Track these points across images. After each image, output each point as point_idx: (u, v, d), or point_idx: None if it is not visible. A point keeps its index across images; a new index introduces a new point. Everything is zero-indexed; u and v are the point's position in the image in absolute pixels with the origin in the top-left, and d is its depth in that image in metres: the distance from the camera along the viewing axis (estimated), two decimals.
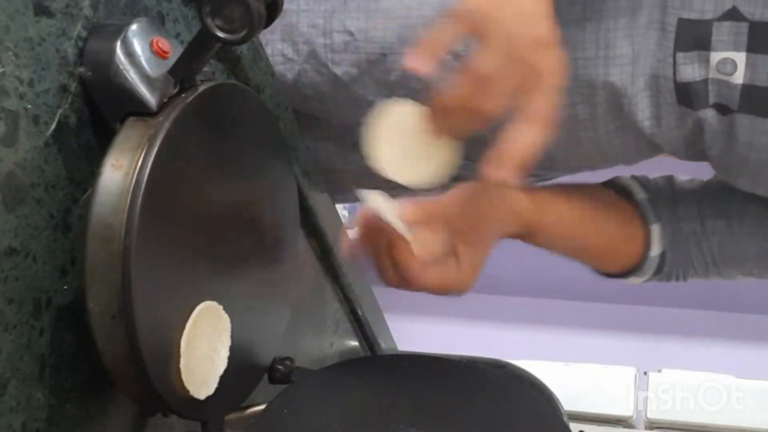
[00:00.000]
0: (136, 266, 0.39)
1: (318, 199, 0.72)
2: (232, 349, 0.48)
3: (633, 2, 0.59)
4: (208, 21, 0.39)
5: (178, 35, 0.50)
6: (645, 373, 1.79)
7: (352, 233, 0.59)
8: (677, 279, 0.71)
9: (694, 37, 0.57)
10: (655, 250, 0.68)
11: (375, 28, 0.67)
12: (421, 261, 0.55)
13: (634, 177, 0.71)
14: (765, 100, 0.56)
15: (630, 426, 1.74)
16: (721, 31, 0.56)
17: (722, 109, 0.58)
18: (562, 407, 0.95)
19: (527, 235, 0.63)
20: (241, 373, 0.53)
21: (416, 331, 1.75)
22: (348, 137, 0.74)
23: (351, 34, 0.68)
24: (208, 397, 0.48)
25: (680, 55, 0.58)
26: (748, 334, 2.18)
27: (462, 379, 0.60)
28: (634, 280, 0.71)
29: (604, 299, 2.28)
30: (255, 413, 0.53)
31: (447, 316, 2.33)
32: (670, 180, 0.72)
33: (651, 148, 0.66)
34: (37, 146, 0.38)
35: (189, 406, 0.45)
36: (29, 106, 0.38)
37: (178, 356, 0.43)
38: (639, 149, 0.66)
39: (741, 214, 0.67)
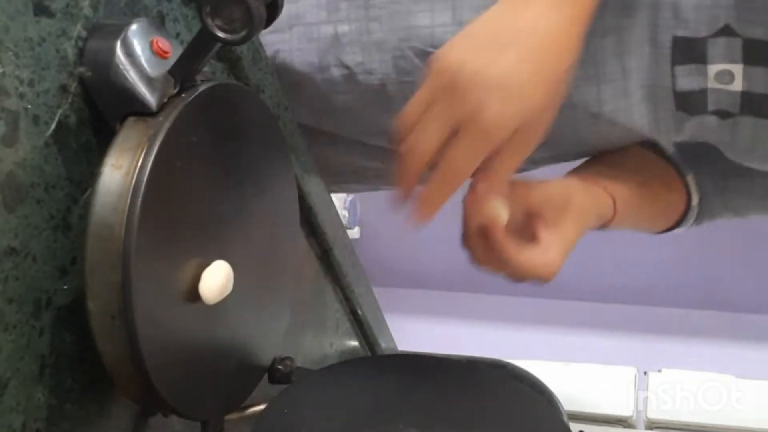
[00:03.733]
0: (136, 266, 0.39)
1: (318, 199, 0.72)
2: (232, 349, 0.48)
3: (619, 22, 0.60)
4: (208, 21, 0.39)
5: (178, 35, 0.50)
6: (645, 373, 1.79)
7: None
8: (707, 221, 0.75)
9: (690, 52, 0.59)
10: (695, 199, 0.71)
11: (372, 60, 0.67)
12: (515, 244, 0.55)
13: None
14: (762, 105, 0.58)
15: (630, 426, 1.74)
16: (717, 47, 0.58)
17: (723, 114, 0.61)
18: (562, 407, 0.95)
19: (604, 225, 0.66)
20: (241, 373, 0.53)
21: (416, 331, 1.75)
22: (353, 144, 0.76)
23: (348, 68, 0.68)
24: (208, 397, 0.48)
25: (678, 68, 0.60)
26: (748, 334, 2.18)
27: (462, 379, 0.60)
28: (678, 231, 0.74)
29: (604, 299, 2.28)
30: (255, 413, 0.53)
31: (447, 316, 2.33)
32: None
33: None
34: (37, 146, 0.38)
35: (189, 406, 0.45)
36: (29, 106, 0.38)
37: None
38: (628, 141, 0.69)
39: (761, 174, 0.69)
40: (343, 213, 2.32)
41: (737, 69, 0.58)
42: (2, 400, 0.37)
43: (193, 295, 0.44)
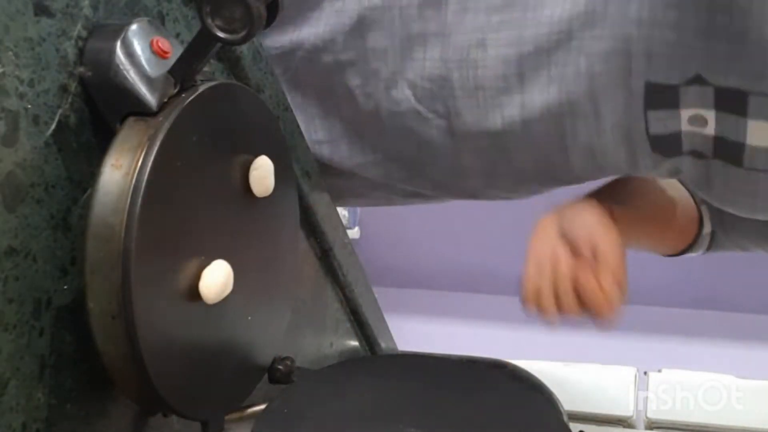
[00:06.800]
0: (136, 266, 0.39)
1: (318, 199, 0.72)
2: (232, 348, 0.48)
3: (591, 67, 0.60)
4: (208, 21, 0.39)
5: (178, 35, 0.50)
6: (645, 373, 1.79)
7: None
8: (718, 251, 0.79)
9: (663, 97, 0.59)
10: (707, 228, 0.75)
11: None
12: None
13: None
14: (735, 152, 0.58)
15: (630, 426, 1.74)
16: (689, 93, 0.57)
17: (698, 155, 0.61)
18: (562, 407, 0.95)
19: None
20: (241, 373, 0.53)
21: (416, 331, 1.75)
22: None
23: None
24: (208, 397, 0.48)
25: (651, 113, 0.60)
26: (748, 334, 2.18)
27: (462, 379, 0.60)
28: (689, 255, 0.79)
29: None
30: (255, 413, 0.53)
31: (447, 316, 2.33)
32: None
33: None
34: (37, 146, 0.38)
35: (189, 406, 0.45)
36: (29, 106, 0.38)
37: None
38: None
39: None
40: (343, 213, 2.32)
41: (710, 114, 0.57)
42: (2, 400, 0.37)
43: (194, 294, 0.44)
